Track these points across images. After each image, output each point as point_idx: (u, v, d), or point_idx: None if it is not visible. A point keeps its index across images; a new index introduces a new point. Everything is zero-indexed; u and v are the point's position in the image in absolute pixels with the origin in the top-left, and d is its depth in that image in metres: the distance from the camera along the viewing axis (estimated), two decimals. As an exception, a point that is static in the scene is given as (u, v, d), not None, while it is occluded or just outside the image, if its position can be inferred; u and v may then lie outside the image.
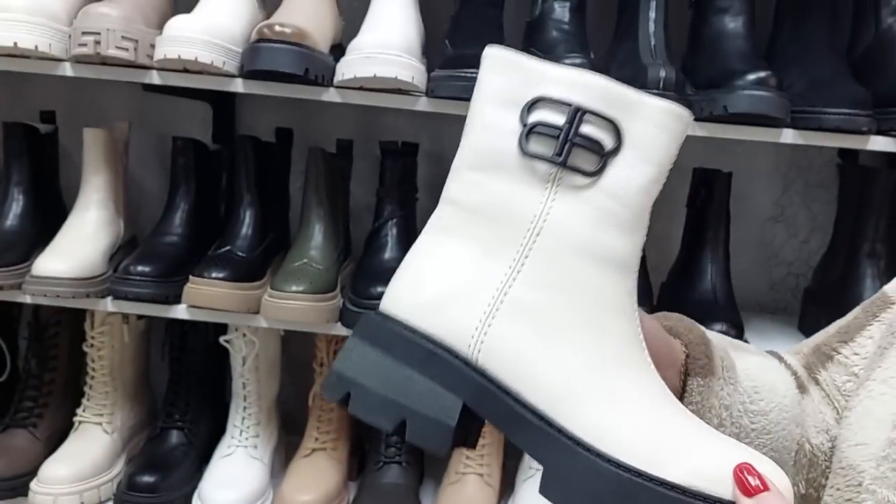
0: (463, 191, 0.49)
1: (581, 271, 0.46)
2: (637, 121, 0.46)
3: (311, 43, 1.00)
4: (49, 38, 1.03)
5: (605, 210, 0.46)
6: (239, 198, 1.19)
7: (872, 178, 1.15)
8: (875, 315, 0.62)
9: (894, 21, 1.10)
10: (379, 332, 0.48)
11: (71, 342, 1.31)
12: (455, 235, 0.49)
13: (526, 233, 0.47)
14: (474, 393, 0.46)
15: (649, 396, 0.46)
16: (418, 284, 0.49)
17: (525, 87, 0.47)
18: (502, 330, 0.46)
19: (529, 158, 0.46)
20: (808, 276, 1.38)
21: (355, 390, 0.47)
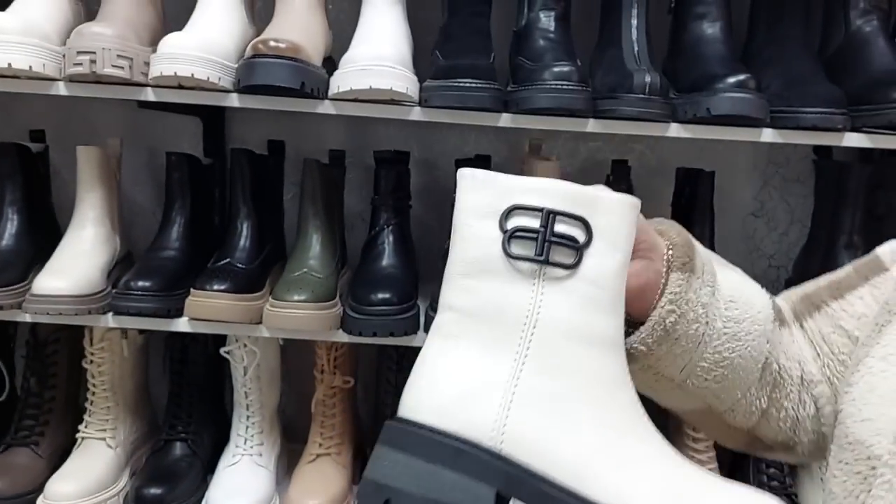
0: (459, 297, 0.53)
1: (578, 354, 0.51)
2: (601, 214, 0.52)
3: (306, 57, 1.03)
4: (43, 58, 1.04)
5: (588, 296, 0.51)
6: (236, 210, 1.21)
7: (848, 173, 1.20)
8: (867, 277, 0.67)
9: (863, 22, 1.15)
10: (405, 438, 0.51)
11: (70, 359, 1.32)
12: (459, 338, 0.53)
13: (524, 327, 0.51)
14: (504, 480, 0.50)
15: (657, 456, 0.51)
16: (434, 388, 0.52)
17: (499, 198, 0.52)
18: (519, 418, 0.50)
19: (514, 260, 0.52)
20: (789, 268, 1.43)
21: (393, 495, 0.50)
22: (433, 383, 0.53)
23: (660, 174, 1.38)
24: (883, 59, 1.11)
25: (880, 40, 1.13)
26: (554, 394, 0.51)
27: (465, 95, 1.01)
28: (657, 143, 1.40)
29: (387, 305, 1.09)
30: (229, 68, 1.06)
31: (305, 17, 1.12)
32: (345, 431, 1.30)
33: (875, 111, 1.04)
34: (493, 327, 0.52)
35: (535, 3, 1.13)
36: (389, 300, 1.10)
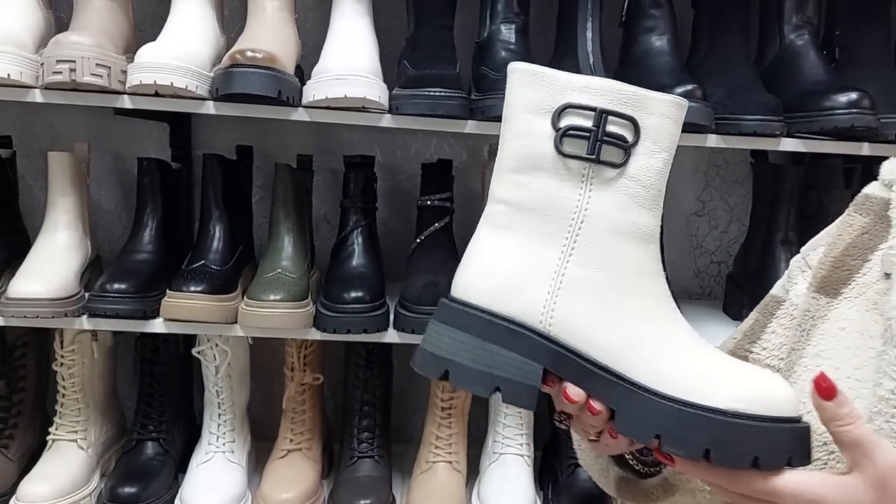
0: (510, 191, 0.58)
1: (620, 248, 0.56)
2: (649, 115, 0.55)
3: (281, 66, 1.07)
4: (20, 66, 1.06)
5: (633, 194, 0.55)
6: (208, 213, 1.24)
7: (783, 175, 1.30)
8: (772, 314, 0.73)
9: (796, 36, 1.25)
10: (462, 318, 0.58)
11: (38, 362, 1.33)
12: (510, 229, 0.58)
13: (571, 222, 0.56)
14: (551, 359, 0.57)
15: (685, 341, 0.56)
16: (487, 274, 0.58)
17: (552, 95, 0.55)
18: (566, 304, 0.56)
19: (565, 158, 0.56)
20: (729, 264, 1.53)
21: (452, 367, 0.57)
22: (486, 269, 0.58)
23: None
24: (814, 71, 1.21)
25: (811, 53, 1.23)
26: (598, 283, 0.56)
27: (435, 104, 1.07)
28: (607, 148, 1.48)
29: (359, 303, 1.14)
30: (205, 76, 1.09)
31: (277, 26, 1.16)
32: (314, 427, 1.34)
33: (808, 118, 1.13)
34: (543, 221, 0.57)
35: (496, 16, 1.20)
36: (362, 298, 1.15)
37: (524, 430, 1.32)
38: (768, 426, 0.53)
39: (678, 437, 0.53)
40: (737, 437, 0.52)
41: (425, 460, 1.29)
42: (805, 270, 0.71)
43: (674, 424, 0.53)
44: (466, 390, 0.59)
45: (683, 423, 0.53)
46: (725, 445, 0.52)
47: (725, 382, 0.54)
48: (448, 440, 1.30)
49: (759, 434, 0.53)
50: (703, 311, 1.45)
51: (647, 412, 0.54)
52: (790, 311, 0.71)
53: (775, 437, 0.53)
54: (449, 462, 1.28)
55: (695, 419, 0.53)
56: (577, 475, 1.29)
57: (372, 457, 1.30)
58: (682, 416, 0.53)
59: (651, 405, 0.54)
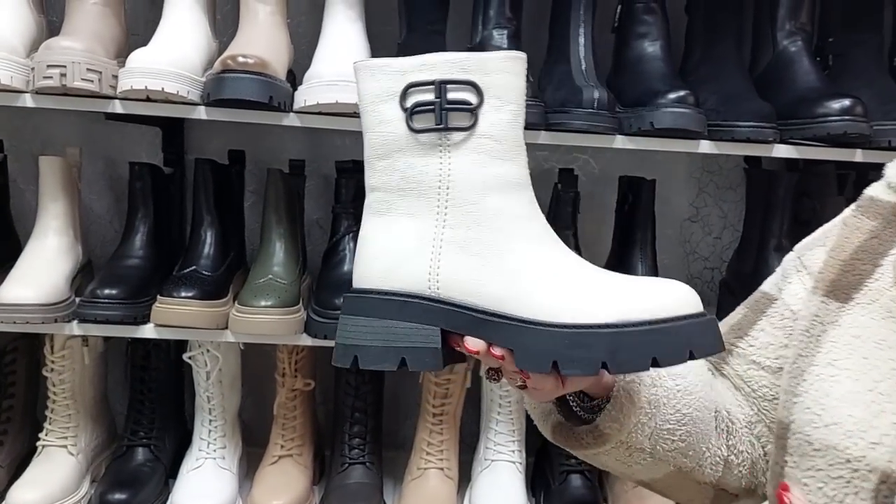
0: (380, 177, 0.61)
1: (489, 202, 0.59)
2: (488, 74, 0.57)
3: (273, 72, 1.07)
4: (11, 70, 1.06)
5: (488, 150, 0.58)
6: (199, 219, 1.23)
7: (777, 181, 1.30)
8: (762, 311, 0.73)
9: (789, 43, 1.25)
10: (359, 304, 0.62)
11: (28, 368, 1.32)
12: (388, 213, 0.61)
13: (439, 191, 0.59)
14: (445, 319, 0.60)
15: (569, 270, 0.59)
16: (374, 258, 0.61)
17: (395, 81, 0.58)
18: (448, 266, 0.59)
19: (419, 133, 0.59)
20: (722, 269, 1.53)
21: (359, 352, 0.60)
22: (373, 255, 0.61)
23: (603, 182, 1.46)
24: (807, 78, 1.21)
25: (805, 60, 1.23)
26: (474, 239, 0.59)
27: (427, 109, 1.07)
28: (600, 153, 1.48)
29: (351, 310, 1.14)
30: (197, 82, 1.09)
31: (269, 31, 1.16)
32: (305, 433, 1.33)
33: (801, 125, 1.13)
34: (414, 196, 0.60)
35: (488, 21, 1.19)
36: (353, 304, 1.14)
37: (516, 436, 1.31)
38: (659, 328, 0.54)
39: (573, 359, 0.55)
40: (629, 345, 0.55)
41: (417, 467, 1.29)
42: (800, 271, 0.71)
43: (565, 348, 0.55)
44: (376, 369, 0.60)
45: (574, 344, 0.55)
46: (619, 355, 0.55)
47: (612, 297, 0.56)
48: (439, 446, 1.29)
49: (650, 336, 0.54)
50: (696, 317, 1.44)
51: (540, 343, 0.56)
52: (781, 311, 0.71)
53: (669, 335, 0.54)
54: (440, 469, 1.28)
55: (584, 337, 0.55)
56: (569, 482, 1.28)
57: (363, 463, 1.29)
58: (572, 337, 0.56)
59: (542, 335, 0.56)
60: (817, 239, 0.72)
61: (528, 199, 0.60)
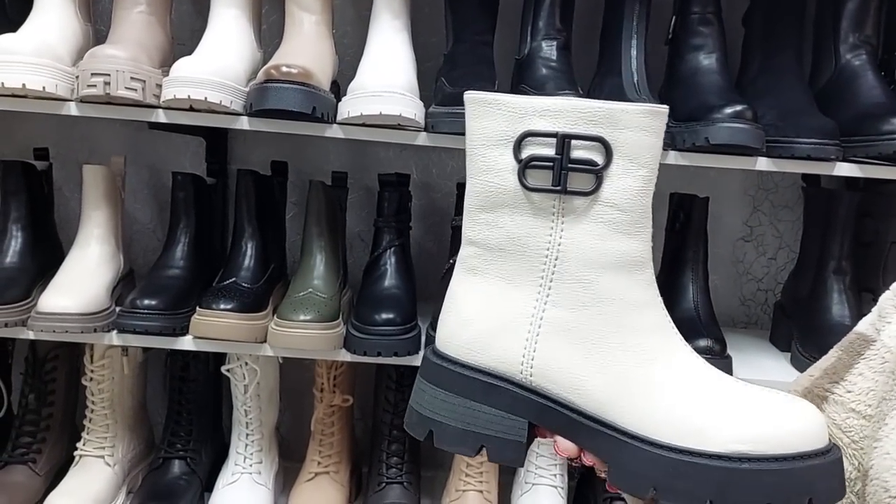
0: (479, 231, 0.54)
1: (601, 282, 0.51)
2: (621, 130, 0.49)
3: (316, 82, 1.05)
4: (56, 78, 1.05)
5: (609, 220, 0.50)
6: (241, 230, 1.22)
7: (838, 200, 1.24)
8: (859, 353, 0.65)
9: (852, 56, 1.20)
10: (441, 374, 0.55)
11: (68, 376, 1.32)
12: (483, 273, 0.54)
13: (545, 261, 0.52)
14: (534, 412, 0.53)
15: (685, 377, 0.51)
16: (463, 324, 0.55)
17: (511, 124, 0.51)
18: (546, 351, 0.52)
19: (531, 192, 0.51)
20: (776, 291, 1.47)
21: (435, 427, 0.54)
22: (461, 318, 0.55)
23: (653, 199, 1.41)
24: (872, 93, 1.15)
25: (869, 74, 1.18)
26: (578, 325, 0.51)
27: (472, 122, 1.04)
28: (650, 169, 1.44)
29: (390, 326, 1.11)
30: (240, 91, 1.08)
31: (314, 42, 1.15)
32: (343, 450, 1.31)
33: (866, 142, 1.08)
34: (516, 261, 0.52)
35: (537, 32, 1.16)
36: (393, 321, 1.12)
37: (558, 459, 1.27)
38: (779, 468, 0.47)
39: (675, 491, 0.48)
40: (742, 484, 0.47)
41: (455, 488, 1.25)
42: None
43: (669, 476, 0.48)
44: (450, 450, 0.54)
45: (679, 473, 0.48)
46: (730, 495, 0.47)
47: (727, 421, 0.48)
48: (479, 468, 1.26)
49: (768, 478, 0.47)
50: (748, 340, 1.39)
51: (640, 464, 0.49)
52: (881, 354, 0.64)
53: (789, 478, 0.47)
54: (479, 491, 1.24)
55: (692, 468, 0.48)
56: (613, 509, 1.23)
57: (401, 483, 1.26)
58: (678, 465, 0.48)
59: (643, 456, 0.49)
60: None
61: (647, 281, 0.52)
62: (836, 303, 1.24)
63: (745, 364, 1.22)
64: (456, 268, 0.56)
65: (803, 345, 1.22)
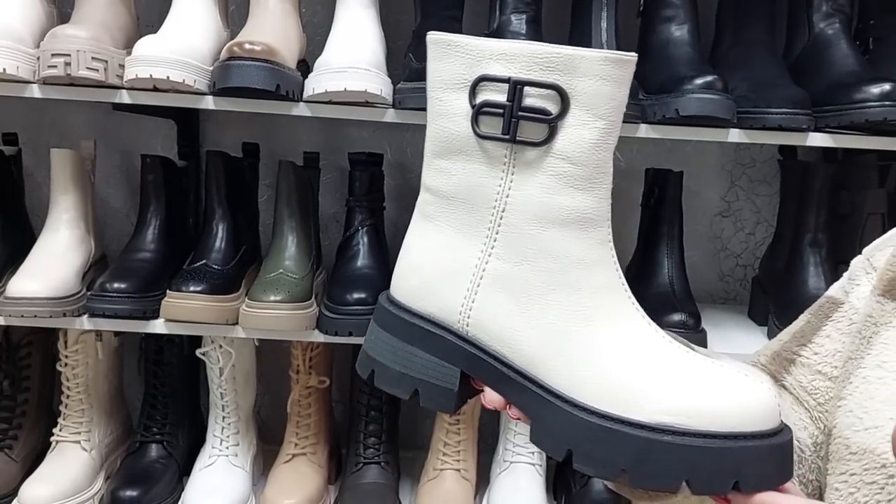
0: (434, 178, 0.52)
1: (547, 238, 0.49)
2: (579, 78, 0.46)
3: (281, 59, 1.03)
4: (17, 60, 1.04)
5: (561, 174, 0.48)
6: (211, 212, 1.21)
7: (812, 173, 1.23)
8: (827, 316, 0.65)
9: (826, 26, 1.18)
10: (387, 318, 0.55)
11: (43, 362, 1.32)
12: (435, 220, 0.53)
13: (493, 211, 0.50)
14: (467, 361, 0.52)
15: (628, 342, 0.48)
16: (412, 270, 0.54)
17: (468, 67, 0.48)
18: (484, 303, 0.51)
19: (482, 139, 0.49)
20: (755, 267, 1.46)
21: (377, 367, 0.55)
22: (411, 264, 0.55)
23: (629, 176, 1.40)
24: (845, 62, 1.14)
25: (843, 43, 1.16)
26: (519, 278, 0.50)
27: (439, 97, 1.02)
28: (626, 145, 1.43)
29: (362, 305, 1.11)
30: (204, 71, 1.06)
31: (279, 20, 1.13)
32: (320, 431, 1.30)
33: (838, 112, 1.07)
34: (466, 210, 0.51)
35: (506, 5, 1.15)
36: (365, 300, 1.11)
37: (537, 437, 1.27)
38: (703, 444, 0.44)
39: (591, 456, 0.46)
40: (660, 457, 0.44)
41: (433, 468, 1.25)
42: (869, 272, 0.64)
43: (587, 440, 0.46)
44: (388, 391, 0.55)
45: (598, 439, 0.46)
46: (646, 467, 0.45)
47: (659, 390, 0.46)
48: (456, 447, 1.25)
49: (689, 454, 0.44)
50: (727, 315, 1.38)
51: (561, 425, 0.47)
52: (849, 315, 0.64)
53: (714, 457, 0.44)
54: (457, 470, 1.24)
55: (611, 435, 0.46)
56: (590, 486, 1.23)
57: (378, 463, 1.26)
58: (597, 431, 0.46)
59: (565, 417, 0.47)
60: (889, 238, 0.65)
61: (599, 239, 0.49)
62: (813, 275, 1.23)
63: (722, 339, 1.22)
64: (414, 213, 0.55)
65: (779, 318, 1.21)
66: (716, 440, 0.44)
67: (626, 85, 0.47)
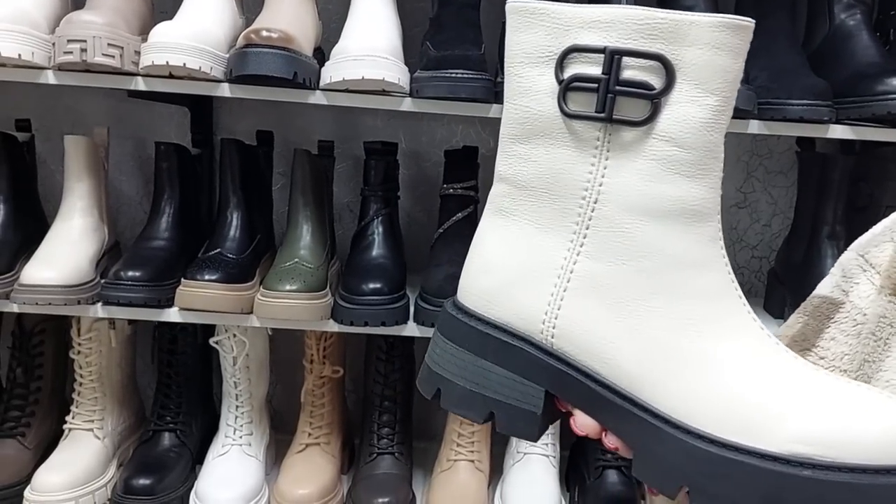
0: (511, 166, 0.46)
1: (648, 233, 0.42)
2: (688, 47, 0.40)
3: (298, 47, 1.02)
4: (32, 46, 1.03)
5: (665, 158, 0.41)
6: (225, 200, 1.20)
7: (831, 165, 1.22)
8: (827, 317, 0.62)
9: (847, 16, 1.17)
10: (454, 326, 0.48)
11: (56, 350, 1.31)
12: (512, 215, 0.46)
13: (583, 203, 0.44)
14: (553, 379, 0.45)
15: (743, 354, 0.41)
16: (484, 271, 0.47)
17: (554, 38, 0.42)
18: (573, 310, 0.44)
19: (571, 119, 0.43)
20: (771, 259, 1.45)
21: (443, 385, 0.48)
22: (484, 265, 0.48)
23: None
24: (867, 53, 1.13)
25: (864, 34, 1.15)
26: (614, 281, 0.43)
27: (457, 86, 1.02)
28: (643, 135, 1.42)
29: (378, 295, 1.10)
30: (220, 58, 1.05)
31: (295, 7, 1.12)
32: (333, 421, 1.30)
33: (859, 104, 1.05)
34: (550, 202, 0.45)
35: (525, -6, 1.13)
36: (380, 290, 1.10)
37: (551, 429, 1.26)
38: (850, 481, 0.37)
39: (710, 494, 0.39)
40: (797, 497, 0.37)
41: (446, 458, 1.25)
42: (867, 270, 0.62)
43: (705, 476, 0.39)
44: (458, 413, 0.47)
45: (719, 474, 0.38)
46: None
47: (791, 414, 0.38)
48: (470, 438, 1.25)
49: (833, 493, 0.37)
50: (742, 308, 1.37)
51: (672, 455, 0.40)
52: (853, 316, 0.61)
53: (863, 497, 0.37)
54: (471, 461, 1.23)
55: (736, 469, 0.38)
56: (604, 477, 1.23)
57: (392, 453, 1.25)
58: (718, 463, 0.39)
59: (677, 446, 0.40)
60: (881, 235, 0.64)
61: (709, 236, 0.42)
62: (830, 268, 1.22)
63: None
64: (486, 208, 0.49)
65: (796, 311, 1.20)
66: (863, 475, 0.37)
67: (743, 56, 0.42)
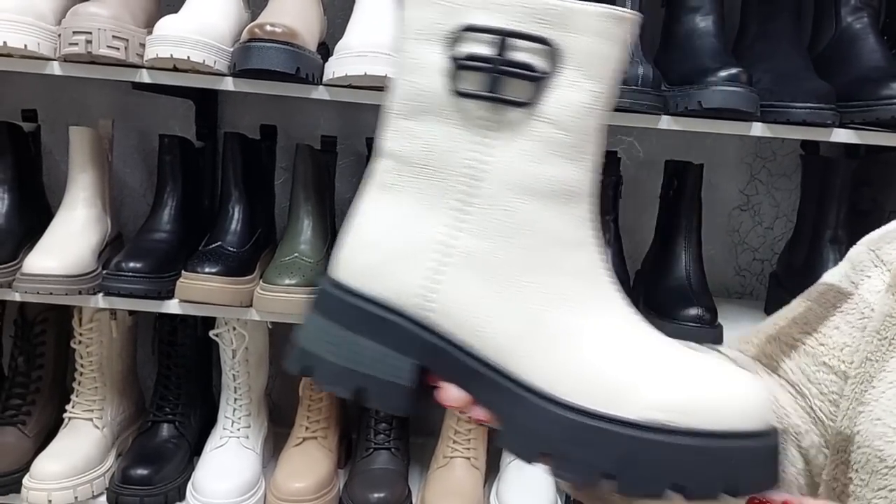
0: (396, 141, 0.46)
1: (528, 211, 0.43)
2: (573, 34, 0.41)
3: (301, 42, 1.03)
4: (37, 37, 1.04)
5: (547, 139, 0.43)
6: (227, 194, 1.21)
7: (834, 168, 1.22)
8: (834, 306, 0.62)
9: (853, 20, 1.17)
10: (329, 302, 0.47)
11: (57, 339, 1.32)
12: (394, 191, 0.46)
13: (466, 180, 0.44)
14: (426, 352, 0.45)
15: (606, 329, 0.43)
16: (363, 247, 0.47)
17: (447, 16, 0.43)
18: (451, 285, 0.45)
19: (461, 98, 0.43)
20: (773, 262, 1.45)
21: (314, 362, 0.47)
22: (363, 240, 0.47)
23: (648, 166, 1.39)
24: (872, 56, 1.13)
25: (870, 37, 1.15)
26: (493, 257, 0.44)
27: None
28: (645, 136, 1.42)
29: (377, 291, 1.10)
30: (225, 52, 1.06)
31: (301, 2, 1.12)
32: (331, 415, 1.30)
33: (864, 107, 1.05)
34: (434, 178, 0.45)
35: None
36: (380, 286, 1.10)
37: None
38: (697, 444, 0.39)
39: (569, 457, 0.40)
40: (648, 459, 0.39)
41: (443, 455, 1.25)
42: (878, 266, 0.61)
43: (565, 441, 0.40)
44: (329, 390, 0.47)
45: (578, 439, 0.40)
46: (633, 469, 0.39)
47: (648, 383, 0.41)
48: (467, 435, 1.25)
49: (681, 455, 0.39)
50: (743, 310, 1.37)
51: (535, 423, 0.41)
52: (860, 309, 0.61)
53: (707, 458, 0.39)
54: (467, 458, 1.24)
55: (594, 434, 0.40)
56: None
57: (388, 449, 1.26)
58: (578, 429, 0.40)
59: (540, 414, 0.41)
60: (894, 232, 0.61)
61: (582, 217, 0.44)
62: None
63: (736, 334, 1.20)
64: (368, 183, 0.48)
65: (796, 314, 1.20)
66: (709, 439, 0.39)
67: (624, 46, 0.43)
